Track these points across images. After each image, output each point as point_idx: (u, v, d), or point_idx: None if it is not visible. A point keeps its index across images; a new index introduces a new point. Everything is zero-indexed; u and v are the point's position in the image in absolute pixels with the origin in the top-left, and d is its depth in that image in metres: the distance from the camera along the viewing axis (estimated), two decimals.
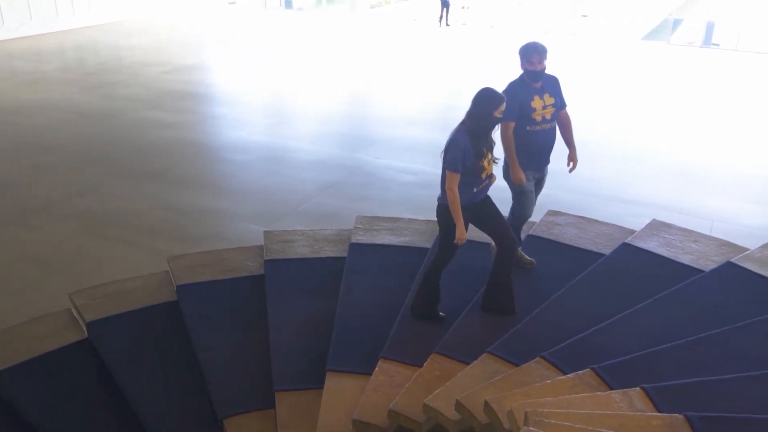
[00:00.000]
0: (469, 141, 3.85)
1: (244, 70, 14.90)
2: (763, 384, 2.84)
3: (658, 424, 2.43)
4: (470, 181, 3.93)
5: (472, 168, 3.86)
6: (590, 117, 12.82)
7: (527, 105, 4.30)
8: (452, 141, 3.90)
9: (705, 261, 4.49)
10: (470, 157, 3.84)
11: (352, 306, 4.26)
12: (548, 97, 4.38)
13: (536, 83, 4.35)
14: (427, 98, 13.09)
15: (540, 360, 3.24)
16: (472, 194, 3.99)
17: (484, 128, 3.86)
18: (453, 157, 3.86)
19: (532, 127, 4.35)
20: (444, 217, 4.03)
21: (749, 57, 18.57)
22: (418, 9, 24.18)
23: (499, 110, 3.84)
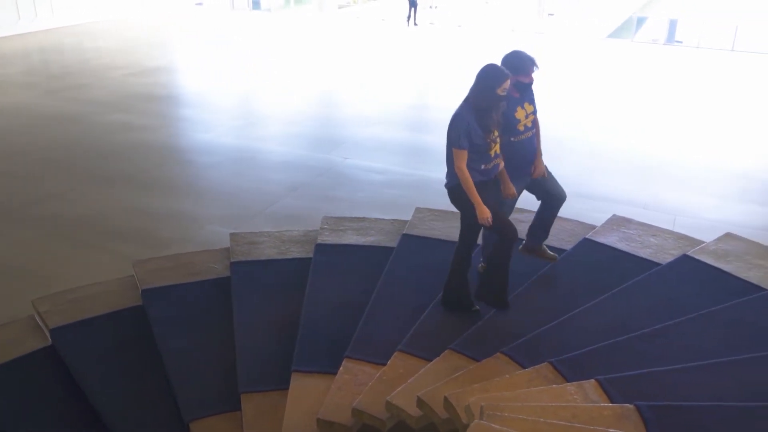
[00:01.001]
0: (473, 117, 3.77)
1: (212, 72, 14.81)
2: (712, 373, 2.93)
3: (609, 414, 2.51)
4: (478, 158, 3.84)
5: (481, 144, 3.78)
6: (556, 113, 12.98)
7: (511, 117, 4.21)
8: (455, 116, 3.83)
9: (663, 254, 4.60)
10: (477, 132, 3.76)
11: (317, 306, 4.29)
12: (528, 106, 4.33)
13: (516, 93, 4.25)
14: (395, 98, 13.14)
15: (500, 355, 3.30)
16: (482, 171, 3.88)
17: (488, 106, 3.78)
18: (456, 133, 3.78)
19: (516, 138, 4.27)
20: (457, 200, 3.96)
21: (711, 54, 18.96)
22: (387, 9, 24.22)
23: (502, 87, 3.77)
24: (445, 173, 4.02)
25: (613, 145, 10.71)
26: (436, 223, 5.21)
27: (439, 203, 7.51)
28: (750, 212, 7.78)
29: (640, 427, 2.45)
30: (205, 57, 16.60)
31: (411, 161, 9.39)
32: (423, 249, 4.86)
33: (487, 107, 3.78)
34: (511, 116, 4.19)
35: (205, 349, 4.13)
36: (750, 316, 3.62)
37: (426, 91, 14.67)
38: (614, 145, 10.72)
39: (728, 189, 8.43)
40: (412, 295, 4.25)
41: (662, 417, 2.50)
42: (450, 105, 13.09)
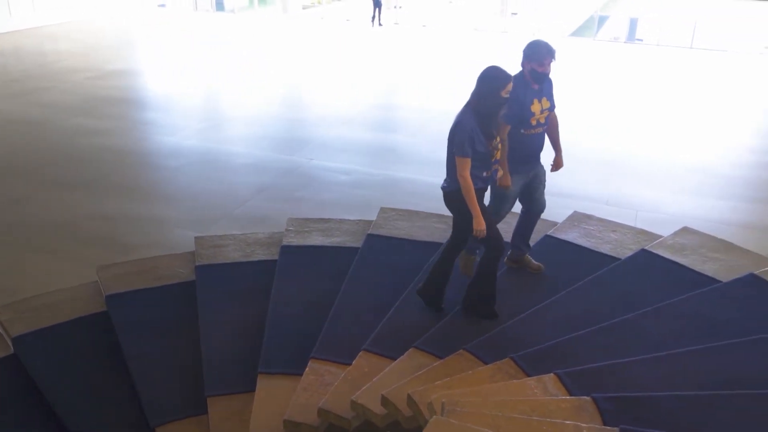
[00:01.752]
0: (476, 122, 3.66)
1: (176, 74, 14.68)
2: (668, 363, 3.02)
3: (567, 407, 2.57)
4: (480, 165, 3.74)
5: (484, 152, 3.67)
6: None
7: (527, 108, 4.08)
8: (457, 124, 3.70)
9: (622, 249, 4.71)
10: (480, 139, 3.65)
11: (283, 308, 4.30)
12: (545, 101, 4.19)
13: (535, 85, 4.12)
14: (360, 98, 13.17)
15: (463, 352, 3.36)
16: (482, 179, 3.80)
17: (491, 109, 3.66)
18: (460, 141, 3.65)
19: (527, 131, 4.16)
20: (454, 206, 3.87)
21: (671, 51, 19.35)
22: (351, 9, 24.22)
23: (506, 90, 3.64)
24: (444, 177, 3.93)
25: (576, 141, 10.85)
26: (400, 223, 5.26)
27: (405, 203, 7.58)
28: (709, 206, 7.97)
29: (596, 418, 2.52)
30: (169, 59, 16.44)
31: (377, 161, 9.43)
32: (388, 248, 4.90)
33: (491, 111, 3.68)
34: (527, 108, 4.07)
35: (170, 354, 4.12)
36: (705, 307, 3.73)
37: (391, 91, 14.71)
38: (577, 141, 10.87)
39: (688, 184, 8.64)
40: (378, 295, 4.29)
41: (618, 408, 2.58)
42: (415, 104, 13.42)
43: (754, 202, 8.16)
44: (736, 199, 8.26)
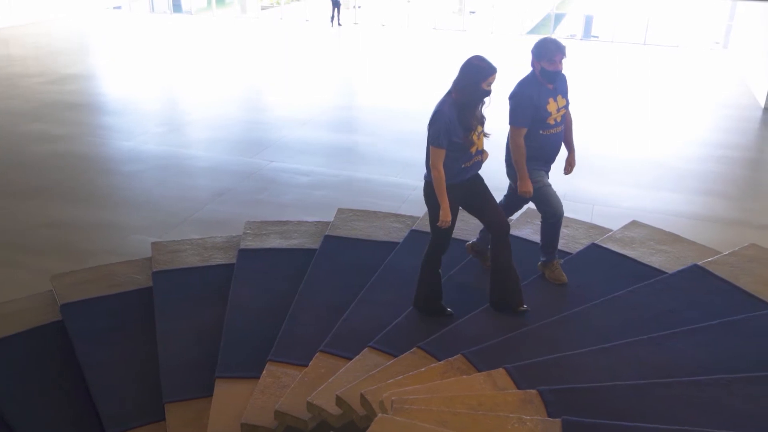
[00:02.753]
0: (455, 113, 3.57)
1: (132, 78, 14.48)
2: (612, 354, 3.13)
3: (513, 400, 2.65)
4: (458, 156, 3.64)
5: (460, 143, 3.58)
6: None
7: (543, 108, 3.96)
8: (435, 113, 3.60)
9: (574, 244, 4.82)
10: (457, 131, 3.56)
11: (240, 312, 4.31)
12: (561, 99, 4.06)
13: (549, 84, 4.00)
14: (320, 99, 13.17)
15: (416, 350, 3.42)
16: (460, 170, 3.70)
17: (471, 100, 3.57)
18: (436, 131, 3.57)
19: (545, 131, 4.04)
20: (430, 198, 3.76)
21: (625, 47, 19.73)
22: (310, 9, 24.15)
23: (487, 82, 3.55)
24: (425, 172, 3.84)
25: None
26: (357, 223, 5.30)
27: (365, 202, 7.63)
28: (663, 199, 8.20)
29: (541, 410, 2.60)
30: (125, 62, 16.21)
31: (336, 162, 9.46)
32: (345, 249, 4.94)
33: (470, 102, 3.58)
34: (543, 109, 3.96)
35: (127, 361, 4.10)
36: (650, 299, 3.85)
37: (351, 91, 14.76)
38: None
39: (643, 178, 8.86)
40: (335, 296, 4.32)
41: (562, 399, 2.66)
42: (375, 104, 13.48)
43: (706, 195, 8.40)
44: (689, 192, 8.51)
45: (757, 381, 2.89)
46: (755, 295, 3.84)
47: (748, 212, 8.37)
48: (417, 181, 8.74)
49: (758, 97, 13.89)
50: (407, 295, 4.18)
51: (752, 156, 11.00)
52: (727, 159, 10.39)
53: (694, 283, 3.93)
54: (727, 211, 8.29)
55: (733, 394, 2.79)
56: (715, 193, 8.70)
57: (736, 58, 16.60)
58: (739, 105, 13.70)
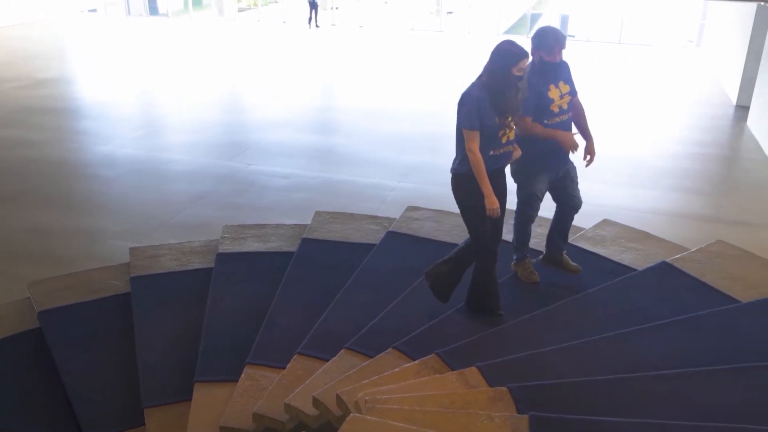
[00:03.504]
0: (486, 97, 3.46)
1: (109, 81, 14.40)
2: (582, 351, 3.22)
3: (483, 398, 2.72)
4: (487, 142, 3.50)
5: (491, 126, 3.45)
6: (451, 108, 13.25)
7: (545, 96, 3.84)
8: (464, 95, 3.50)
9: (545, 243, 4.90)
10: (489, 114, 3.44)
11: (219, 315, 4.34)
12: (563, 85, 3.91)
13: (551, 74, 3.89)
14: (299, 101, 13.21)
15: (392, 350, 3.48)
16: (489, 158, 3.53)
17: (501, 86, 3.45)
18: (467, 112, 3.46)
19: (550, 120, 3.90)
20: (461, 192, 3.63)
21: (601, 46, 19.97)
22: (288, 11, 24.15)
23: (518, 67, 3.44)
24: (453, 159, 3.69)
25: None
26: (334, 226, 5.35)
27: (343, 204, 7.68)
28: (637, 196, 8.34)
29: (510, 407, 2.67)
30: (101, 66, 16.12)
31: (315, 164, 9.50)
32: (322, 252, 4.99)
33: (501, 88, 3.46)
34: (545, 96, 3.84)
35: (107, 367, 4.11)
36: (620, 296, 3.94)
37: (329, 93, 14.79)
38: None
39: (618, 175, 9.00)
40: (312, 298, 4.37)
41: (531, 396, 2.74)
42: (353, 105, 13.53)
43: (680, 192, 8.55)
44: (663, 189, 8.66)
45: (717, 374, 2.99)
46: (720, 291, 3.95)
47: (721, 208, 8.54)
48: (395, 182, 8.82)
49: (730, 94, 14.13)
50: (384, 295, 4.25)
51: (725, 153, 11.20)
52: (701, 156, 10.57)
53: (663, 280, 4.03)
54: (701, 208, 8.45)
55: (695, 387, 2.89)
56: (688, 189, 8.86)
57: (709, 56, 16.87)
58: (712, 103, 13.93)
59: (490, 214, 3.53)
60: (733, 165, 10.67)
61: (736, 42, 14.17)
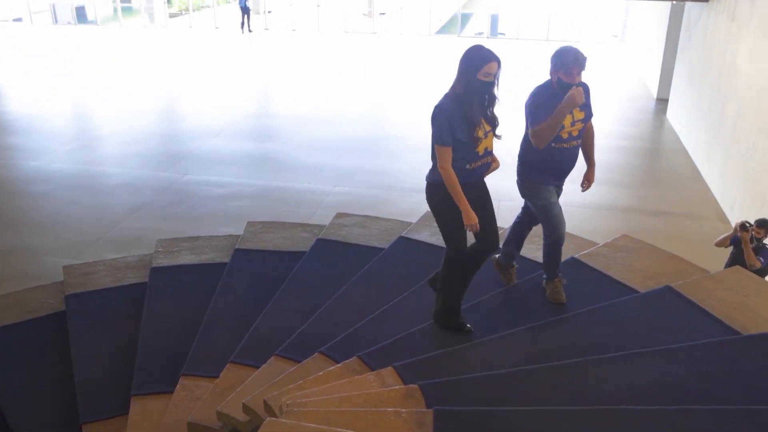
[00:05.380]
0: (458, 108, 3.34)
1: (37, 94, 14.12)
2: (487, 347, 3.50)
3: (396, 396, 2.96)
4: (462, 155, 3.39)
5: (465, 141, 3.34)
6: (392, 110, 13.60)
7: None
8: (435, 109, 3.38)
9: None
10: (461, 127, 3.32)
11: (154, 329, 4.45)
12: (578, 112, 3.77)
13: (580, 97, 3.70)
14: (233, 108, 13.25)
15: (318, 355, 3.69)
16: (465, 172, 3.43)
17: (469, 93, 3.33)
18: (438, 128, 3.34)
19: (557, 145, 3.80)
20: (435, 201, 3.52)
21: (530, 44, 20.55)
22: (220, 16, 23.97)
23: (482, 72, 3.29)
24: (429, 169, 3.57)
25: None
26: (266, 235, 5.52)
27: (281, 211, 7.85)
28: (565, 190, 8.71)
29: (421, 403, 2.92)
30: (29, 77, 15.77)
31: (251, 171, 9.62)
32: (255, 262, 5.15)
33: (468, 95, 3.34)
34: None
35: (43, 387, 4.19)
36: (530, 292, 4.21)
37: (264, 99, 14.87)
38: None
39: None
40: (245, 307, 4.53)
41: (440, 391, 3.00)
42: (288, 111, 13.74)
43: (605, 185, 8.99)
44: (595, 183, 9.09)
45: (608, 361, 3.32)
46: (623, 283, 4.29)
47: (643, 200, 9.03)
48: (331, 186, 9.02)
49: (651, 88, 14.81)
50: (313, 301, 4.43)
51: (646, 145, 11.78)
52: (624, 149, 11.11)
53: (571, 275, 4.34)
54: (625, 200, 8.93)
55: (587, 376, 3.21)
56: (613, 182, 9.32)
57: (632, 51, 17.59)
58: (635, 96, 14.57)
59: (468, 229, 3.45)
60: (654, 157, 11.25)
61: (655, 38, 14.85)
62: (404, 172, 9.78)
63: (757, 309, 3.82)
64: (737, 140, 8.24)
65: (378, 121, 12.72)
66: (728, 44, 9.14)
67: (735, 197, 8.12)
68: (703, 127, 10.05)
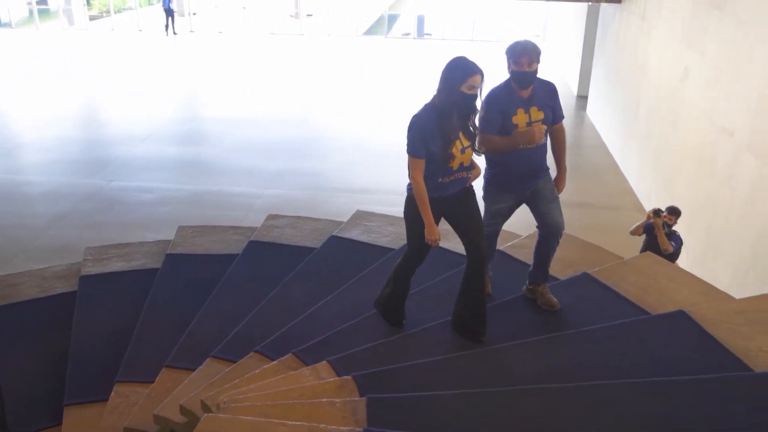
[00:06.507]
0: (435, 120, 3.28)
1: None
2: (412, 339, 3.66)
3: (330, 387, 3.08)
4: (436, 169, 3.35)
5: (438, 154, 3.29)
6: (320, 112, 13.67)
7: (508, 119, 3.61)
8: (414, 118, 3.33)
9: (399, 240, 5.31)
10: (435, 139, 3.26)
11: (86, 338, 4.40)
12: (536, 112, 3.65)
13: (524, 91, 3.62)
14: (159, 112, 13.04)
15: (254, 354, 3.76)
16: (438, 186, 3.40)
17: (447, 105, 3.26)
18: (411, 138, 3.31)
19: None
20: (409, 210, 3.49)
21: (455, 44, 20.97)
22: (143, 19, 23.42)
23: (466, 84, 3.22)
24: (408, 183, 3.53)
25: (372, 137, 11.62)
26: (198, 239, 5.52)
27: (211, 216, 7.83)
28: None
29: (354, 393, 3.04)
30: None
31: (180, 176, 9.53)
32: (187, 266, 5.15)
33: (447, 108, 3.27)
34: (509, 119, 3.62)
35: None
36: (447, 284, 4.35)
37: (191, 102, 14.69)
38: (373, 137, 11.63)
39: None
40: (179, 312, 4.53)
41: (372, 381, 3.13)
42: (215, 114, 13.71)
43: None
44: None
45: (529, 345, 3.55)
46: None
47: (566, 192, 9.33)
48: (261, 189, 9.04)
49: (571, 85, 15.38)
50: (247, 303, 4.47)
51: (568, 141, 12.13)
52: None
53: (495, 266, 4.51)
54: None
55: (509, 359, 3.44)
56: None
57: (553, 49, 18.19)
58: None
59: (429, 243, 3.45)
60: (575, 152, 11.68)
61: (574, 37, 15.43)
62: (334, 172, 9.90)
63: (665, 291, 4.10)
64: (650, 135, 8.71)
65: (307, 123, 12.78)
66: (640, 44, 9.64)
67: (650, 188, 8.59)
68: (620, 122, 10.56)
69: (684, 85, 7.57)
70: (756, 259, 5.59)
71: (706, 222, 6.64)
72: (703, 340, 3.48)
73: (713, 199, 6.53)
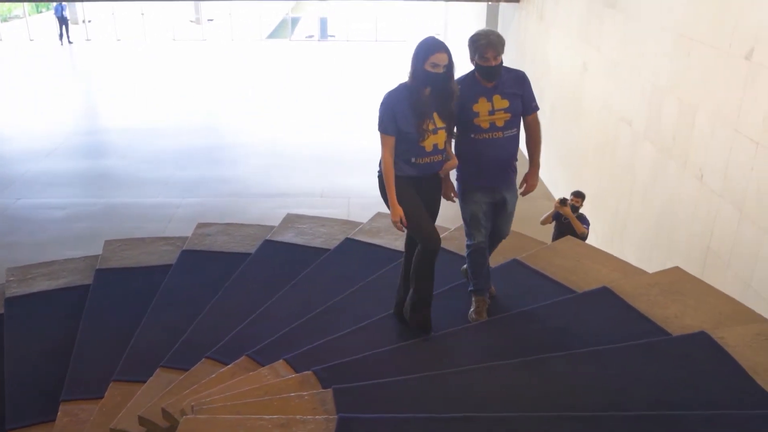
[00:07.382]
0: (407, 99, 3.31)
1: None
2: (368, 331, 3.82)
3: (293, 383, 3.19)
4: (407, 148, 3.35)
5: (409, 133, 3.30)
6: (229, 118, 13.58)
7: (468, 108, 3.51)
8: (387, 94, 3.37)
9: (332, 240, 5.46)
10: (408, 118, 3.28)
11: (20, 362, 4.29)
12: (500, 100, 3.53)
13: (489, 83, 3.57)
14: (60, 125, 12.56)
15: (206, 360, 3.80)
16: (409, 165, 3.39)
17: (416, 83, 3.29)
18: (382, 114, 3.34)
19: (477, 135, 3.55)
20: (382, 191, 3.49)
21: (359, 45, 21.27)
22: (34, 27, 22.29)
23: (429, 62, 3.23)
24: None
25: (290, 141, 11.67)
26: (128, 252, 5.45)
27: (130, 229, 7.67)
28: None
29: (317, 386, 3.17)
30: None
31: (92, 190, 9.27)
32: (120, 280, 5.08)
33: (416, 85, 3.30)
34: (469, 107, 3.51)
35: None
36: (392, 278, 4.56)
37: (94, 114, 14.23)
38: (292, 141, 11.69)
39: None
40: (119, 326, 4.48)
41: (333, 374, 3.26)
42: (119, 125, 13.50)
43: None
44: None
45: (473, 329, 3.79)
46: None
47: None
48: (179, 198, 8.92)
49: None
50: (190, 311, 4.49)
51: None
52: None
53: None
54: None
55: (455, 344, 3.67)
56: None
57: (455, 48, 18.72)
58: None
59: (393, 224, 3.42)
60: None
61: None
62: (250, 178, 9.90)
63: (588, 270, 4.44)
64: (555, 127, 9.22)
65: (216, 129, 12.66)
66: (539, 42, 10.17)
67: (558, 178, 9.10)
68: None
69: (583, 79, 8.09)
70: (658, 237, 6.09)
71: (611, 206, 7.15)
72: (626, 312, 3.83)
73: (616, 185, 7.04)
